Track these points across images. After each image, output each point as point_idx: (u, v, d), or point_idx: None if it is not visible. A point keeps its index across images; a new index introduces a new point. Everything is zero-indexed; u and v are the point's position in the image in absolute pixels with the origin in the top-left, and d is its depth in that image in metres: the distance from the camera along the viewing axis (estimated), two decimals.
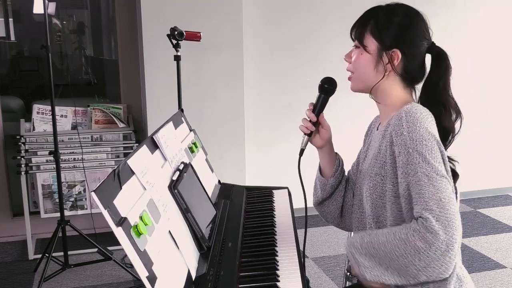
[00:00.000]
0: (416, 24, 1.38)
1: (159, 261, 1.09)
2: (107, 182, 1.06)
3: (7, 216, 3.47)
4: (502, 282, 2.91)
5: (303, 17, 3.67)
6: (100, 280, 2.95)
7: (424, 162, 1.22)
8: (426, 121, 1.28)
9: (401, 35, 1.36)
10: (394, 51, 1.36)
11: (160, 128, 1.50)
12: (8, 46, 4.36)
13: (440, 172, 1.22)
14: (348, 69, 1.45)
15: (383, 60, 1.37)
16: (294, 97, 3.63)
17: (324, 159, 1.59)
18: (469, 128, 4.34)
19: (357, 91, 1.46)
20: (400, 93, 1.40)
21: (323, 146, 1.57)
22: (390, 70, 1.37)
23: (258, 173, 3.75)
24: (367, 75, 1.40)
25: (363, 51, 1.39)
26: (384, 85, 1.39)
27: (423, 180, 1.21)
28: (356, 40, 1.41)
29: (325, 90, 1.51)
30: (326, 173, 1.59)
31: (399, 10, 1.38)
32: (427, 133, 1.25)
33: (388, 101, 1.41)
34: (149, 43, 3.31)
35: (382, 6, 1.40)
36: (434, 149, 1.24)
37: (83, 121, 3.40)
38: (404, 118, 1.28)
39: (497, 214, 3.97)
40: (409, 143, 1.25)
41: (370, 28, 1.38)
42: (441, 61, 1.39)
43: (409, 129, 1.26)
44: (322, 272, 3.03)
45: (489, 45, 4.12)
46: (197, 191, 1.50)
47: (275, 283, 1.26)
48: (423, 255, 1.15)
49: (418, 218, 1.19)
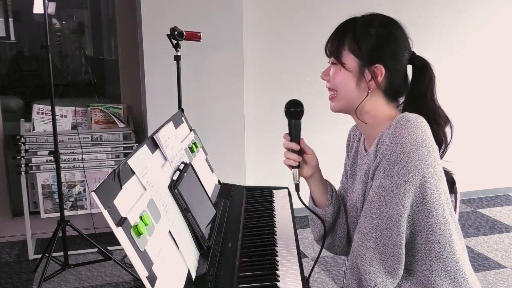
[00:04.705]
0: (396, 35, 1.28)
1: (159, 261, 1.09)
2: (107, 182, 1.05)
3: (7, 216, 3.47)
4: (502, 282, 2.91)
5: (303, 17, 3.67)
6: (100, 280, 2.95)
7: (387, 190, 1.18)
8: (420, 128, 1.19)
9: (382, 49, 1.26)
10: (376, 67, 1.26)
11: (160, 128, 1.50)
12: (8, 46, 4.35)
13: (398, 211, 1.18)
14: (329, 88, 1.34)
15: (365, 77, 1.27)
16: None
17: (316, 188, 1.45)
18: (469, 128, 4.38)
19: (338, 111, 1.35)
20: (385, 109, 1.31)
21: (313, 174, 1.43)
22: (374, 87, 1.28)
23: (258, 173, 3.75)
24: (350, 94, 1.30)
25: (341, 68, 1.29)
26: (367, 103, 1.29)
27: (373, 211, 1.21)
28: (332, 56, 1.31)
29: (294, 114, 1.41)
30: (322, 203, 1.45)
31: (376, 22, 1.29)
32: (412, 144, 1.16)
33: (374, 121, 1.31)
34: (149, 43, 3.31)
35: (358, 18, 1.31)
36: (412, 170, 1.16)
37: (83, 121, 3.40)
38: (394, 126, 1.19)
39: (497, 214, 3.97)
40: (388, 156, 1.18)
41: (348, 44, 1.28)
42: (425, 71, 1.31)
43: (394, 138, 1.18)
44: (322, 272, 3.03)
45: (489, 45, 4.12)
46: (197, 191, 1.50)
47: (275, 283, 1.26)
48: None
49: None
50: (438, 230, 1.23)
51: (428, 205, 1.21)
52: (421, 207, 1.21)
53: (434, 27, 3.93)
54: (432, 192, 1.20)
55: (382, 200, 1.20)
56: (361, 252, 1.23)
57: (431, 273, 1.26)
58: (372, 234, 1.21)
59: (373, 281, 1.22)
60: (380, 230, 1.20)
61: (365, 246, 1.22)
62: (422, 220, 1.23)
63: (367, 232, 1.22)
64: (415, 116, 1.21)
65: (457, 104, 4.07)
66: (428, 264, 1.26)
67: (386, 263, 1.21)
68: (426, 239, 1.24)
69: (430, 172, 1.19)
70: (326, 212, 1.44)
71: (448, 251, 1.25)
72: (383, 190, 1.20)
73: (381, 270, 1.22)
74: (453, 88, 3.99)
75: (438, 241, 1.24)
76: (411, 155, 1.17)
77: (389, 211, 1.19)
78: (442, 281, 1.26)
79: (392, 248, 1.20)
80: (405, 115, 1.22)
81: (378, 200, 1.21)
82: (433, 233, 1.23)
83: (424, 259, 1.26)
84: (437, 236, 1.24)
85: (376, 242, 1.21)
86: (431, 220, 1.22)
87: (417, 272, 1.28)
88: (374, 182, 1.23)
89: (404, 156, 1.17)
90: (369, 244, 1.22)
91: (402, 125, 1.19)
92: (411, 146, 1.17)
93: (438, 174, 1.22)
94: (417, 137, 1.17)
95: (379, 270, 1.22)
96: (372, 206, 1.22)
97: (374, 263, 1.21)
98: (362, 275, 1.23)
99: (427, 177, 1.19)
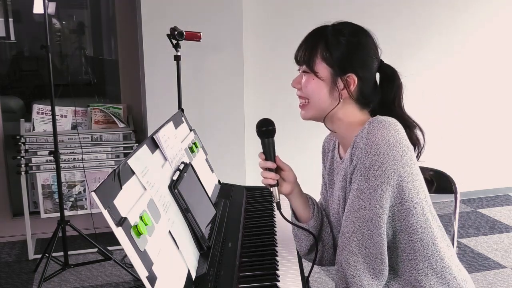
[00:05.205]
0: (365, 43, 1.29)
1: (159, 261, 1.09)
2: (107, 182, 1.06)
3: (7, 216, 3.47)
4: (502, 282, 2.91)
5: (303, 17, 3.66)
6: (100, 280, 2.95)
7: (365, 193, 1.19)
8: (393, 128, 1.19)
9: (353, 58, 1.27)
10: (349, 76, 1.27)
11: (160, 128, 1.50)
12: (8, 46, 4.35)
13: (377, 212, 1.18)
14: (301, 96, 1.34)
15: (338, 86, 1.28)
16: (294, 97, 3.60)
17: (296, 203, 1.44)
18: (469, 128, 4.38)
19: (309, 119, 1.36)
20: (357, 115, 1.31)
21: (293, 190, 1.43)
22: (346, 95, 1.28)
23: (258, 173, 3.74)
24: (322, 102, 1.30)
25: (314, 77, 1.29)
26: (340, 111, 1.30)
27: (353, 214, 1.21)
28: (304, 65, 1.31)
29: (267, 133, 1.42)
30: (304, 217, 1.44)
31: (346, 30, 1.29)
32: (386, 145, 1.17)
33: (347, 127, 1.31)
34: (149, 43, 3.31)
35: (328, 26, 1.31)
36: (388, 170, 1.17)
37: (83, 121, 3.40)
38: (366, 129, 1.20)
39: (497, 214, 3.97)
40: (363, 158, 1.19)
41: (320, 53, 1.28)
42: (394, 79, 1.32)
43: (368, 140, 1.18)
44: (322, 272, 3.03)
45: (489, 45, 4.12)
46: (197, 191, 1.50)
47: (275, 283, 1.26)
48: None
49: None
50: (419, 228, 1.24)
51: (407, 205, 1.21)
52: (400, 207, 1.22)
53: (434, 27, 3.93)
54: (409, 191, 1.20)
55: (361, 203, 1.20)
56: (345, 256, 1.23)
57: (417, 272, 1.26)
58: (354, 238, 1.22)
59: (359, 284, 1.22)
60: (361, 233, 1.21)
61: (348, 249, 1.23)
62: (403, 220, 1.23)
63: (349, 236, 1.22)
64: (387, 117, 1.22)
65: (457, 104, 4.07)
66: (414, 263, 1.26)
67: (370, 266, 1.22)
68: (408, 239, 1.25)
69: (406, 171, 1.19)
70: (309, 225, 1.42)
71: (432, 249, 1.26)
72: (361, 193, 1.20)
73: (366, 272, 1.22)
74: (453, 88, 3.99)
75: (420, 239, 1.24)
76: (385, 156, 1.17)
77: (368, 214, 1.19)
78: (429, 279, 1.27)
79: (375, 250, 1.21)
80: (377, 117, 1.22)
81: (357, 203, 1.21)
82: (414, 232, 1.24)
83: (409, 258, 1.26)
84: (419, 235, 1.24)
85: (358, 246, 1.21)
86: (411, 219, 1.23)
87: (404, 272, 1.28)
88: (352, 186, 1.23)
89: (379, 157, 1.17)
90: (351, 247, 1.22)
91: (374, 126, 1.19)
92: (385, 146, 1.17)
93: (414, 172, 1.22)
94: (391, 137, 1.18)
95: (363, 273, 1.22)
96: (352, 210, 1.23)
97: (358, 266, 1.22)
98: (348, 278, 1.23)
99: (403, 176, 1.19)
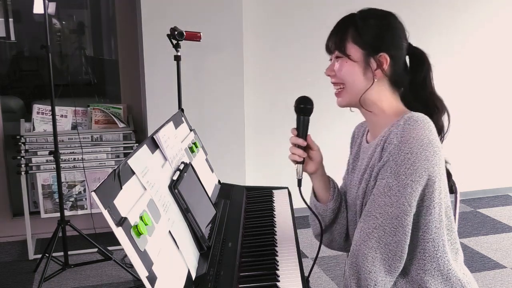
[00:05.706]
0: (394, 25, 1.32)
1: (159, 261, 1.09)
2: (107, 182, 1.06)
3: (7, 216, 3.47)
4: (502, 282, 2.91)
5: (303, 17, 3.67)
6: (100, 280, 2.95)
7: (393, 190, 1.20)
8: (427, 129, 1.22)
9: (384, 38, 1.30)
10: (381, 55, 1.29)
11: (160, 128, 1.50)
12: (8, 46, 4.35)
13: (404, 210, 1.20)
14: (336, 82, 1.35)
15: (371, 66, 1.29)
16: (294, 97, 3.60)
17: (319, 184, 1.46)
18: (469, 128, 4.37)
19: (345, 105, 1.37)
20: (390, 99, 1.33)
21: (317, 170, 1.44)
22: (380, 75, 1.30)
23: (258, 173, 3.75)
24: (358, 85, 1.31)
25: (347, 60, 1.31)
26: (373, 92, 1.31)
27: (377, 210, 1.22)
28: (336, 50, 1.33)
29: (304, 111, 1.42)
30: (324, 198, 1.46)
31: (374, 14, 1.33)
32: (419, 145, 1.19)
33: (379, 110, 1.33)
34: (149, 43, 3.31)
35: (356, 13, 1.34)
36: (419, 170, 1.19)
37: (83, 121, 3.40)
38: (402, 126, 1.22)
39: (497, 214, 3.97)
40: (396, 155, 1.20)
41: (351, 36, 1.30)
42: (423, 61, 1.35)
43: (402, 138, 1.20)
44: (322, 272, 3.03)
45: (489, 45, 4.12)
46: (197, 191, 1.50)
47: (275, 283, 1.26)
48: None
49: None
50: (434, 228, 1.26)
51: (427, 203, 1.23)
52: (421, 204, 1.24)
53: (434, 27, 3.93)
54: (434, 190, 1.23)
55: (387, 200, 1.21)
56: (363, 251, 1.23)
57: (424, 273, 1.28)
58: (374, 234, 1.22)
59: (374, 280, 1.23)
60: (384, 229, 1.21)
61: (367, 245, 1.23)
62: (421, 218, 1.25)
63: (369, 232, 1.23)
64: (422, 116, 1.24)
65: (457, 104, 4.05)
66: (422, 263, 1.28)
67: (387, 262, 1.23)
68: (422, 237, 1.27)
69: (436, 172, 1.21)
70: (328, 207, 1.45)
71: (441, 251, 1.28)
72: (388, 189, 1.21)
73: (382, 269, 1.23)
74: (453, 88, 3.99)
75: (432, 239, 1.27)
76: (418, 155, 1.19)
77: (394, 211, 1.21)
78: (435, 280, 1.29)
79: (395, 247, 1.22)
80: (413, 115, 1.24)
81: (383, 200, 1.22)
82: (428, 231, 1.26)
83: (418, 258, 1.28)
84: (432, 235, 1.26)
85: (379, 242, 1.22)
86: (428, 218, 1.25)
87: (412, 271, 1.30)
88: (379, 182, 1.24)
89: (412, 156, 1.19)
90: (371, 243, 1.22)
91: (410, 125, 1.21)
92: (418, 146, 1.19)
93: (441, 172, 1.24)
94: (425, 137, 1.20)
95: (379, 269, 1.22)
96: (376, 206, 1.23)
97: (375, 263, 1.22)
98: (362, 274, 1.24)
99: (431, 176, 1.21)
